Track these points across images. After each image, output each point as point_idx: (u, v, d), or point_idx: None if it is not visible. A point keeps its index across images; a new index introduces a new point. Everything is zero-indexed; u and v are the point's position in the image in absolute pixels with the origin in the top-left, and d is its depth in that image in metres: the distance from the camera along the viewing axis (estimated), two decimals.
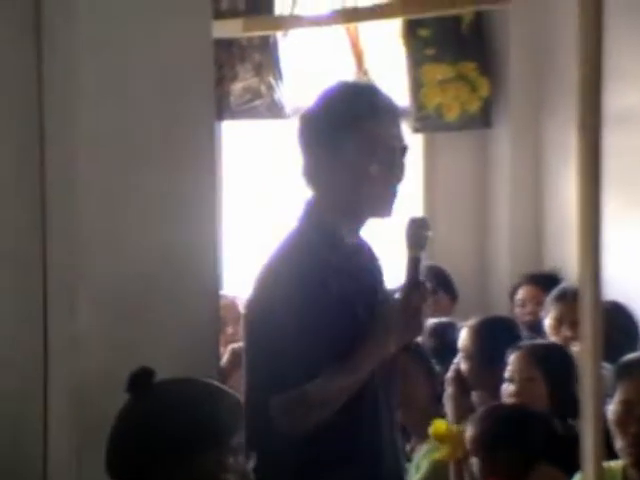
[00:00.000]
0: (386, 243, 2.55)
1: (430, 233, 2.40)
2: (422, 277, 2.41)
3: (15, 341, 2.57)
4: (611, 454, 2.69)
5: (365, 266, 2.47)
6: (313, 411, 2.30)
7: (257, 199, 5.52)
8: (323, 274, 2.32)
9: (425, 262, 2.42)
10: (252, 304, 2.40)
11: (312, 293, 2.28)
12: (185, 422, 2.04)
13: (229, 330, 4.26)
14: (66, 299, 2.56)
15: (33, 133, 2.55)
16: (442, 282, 5.05)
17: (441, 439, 3.23)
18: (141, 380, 2.10)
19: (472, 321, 3.72)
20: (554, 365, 3.29)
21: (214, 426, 2.04)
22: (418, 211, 5.29)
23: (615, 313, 3.92)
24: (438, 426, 3.19)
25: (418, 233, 2.38)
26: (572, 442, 1.98)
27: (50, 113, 2.56)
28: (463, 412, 3.50)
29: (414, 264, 2.37)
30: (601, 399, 1.96)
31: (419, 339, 3.83)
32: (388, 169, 2.40)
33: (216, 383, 2.22)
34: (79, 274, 2.55)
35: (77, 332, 2.54)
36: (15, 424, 2.55)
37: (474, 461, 3.04)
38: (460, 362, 3.65)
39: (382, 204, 2.42)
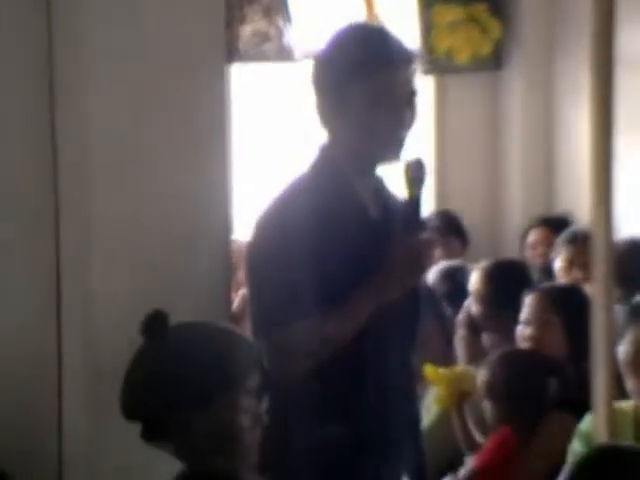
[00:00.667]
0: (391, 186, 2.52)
1: (427, 173, 2.39)
2: (422, 217, 2.39)
3: (28, 297, 2.57)
4: (622, 394, 2.70)
5: (377, 209, 2.45)
6: (301, 355, 2.26)
7: (267, 142, 5.50)
8: (325, 218, 2.31)
9: (426, 202, 2.36)
10: (251, 247, 2.39)
11: (311, 236, 2.27)
12: (200, 365, 2.05)
13: (240, 275, 4.27)
14: (78, 253, 2.56)
15: (44, 102, 2.54)
16: (453, 226, 5.05)
17: (435, 384, 3.22)
18: (155, 323, 2.11)
19: (483, 264, 3.72)
20: (572, 308, 3.18)
21: (228, 368, 2.06)
22: (429, 154, 5.28)
23: (633, 249, 3.91)
24: (428, 372, 3.17)
25: (416, 174, 2.37)
26: (585, 387, 1.99)
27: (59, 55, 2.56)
28: (474, 354, 3.52)
29: (414, 204, 2.36)
30: (612, 340, 1.97)
31: (429, 282, 3.84)
32: (397, 115, 2.39)
33: (230, 326, 2.23)
34: (91, 226, 2.55)
35: (90, 284, 2.55)
36: (31, 381, 2.56)
37: (486, 406, 3.04)
38: (471, 305, 3.66)
39: (391, 149, 2.41)
